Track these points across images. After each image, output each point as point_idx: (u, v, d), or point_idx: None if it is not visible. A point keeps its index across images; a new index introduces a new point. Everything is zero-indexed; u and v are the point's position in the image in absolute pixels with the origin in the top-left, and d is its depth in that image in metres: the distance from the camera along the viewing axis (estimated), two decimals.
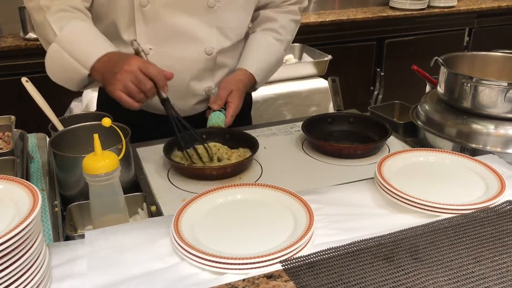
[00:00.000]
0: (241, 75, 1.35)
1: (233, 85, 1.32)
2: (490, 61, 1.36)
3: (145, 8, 1.20)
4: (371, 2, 3.59)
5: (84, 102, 2.23)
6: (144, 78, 1.04)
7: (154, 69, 1.06)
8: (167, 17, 1.22)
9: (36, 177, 1.11)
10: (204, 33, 1.27)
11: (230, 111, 1.29)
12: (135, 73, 1.04)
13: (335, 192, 0.98)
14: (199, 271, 0.76)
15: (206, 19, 1.26)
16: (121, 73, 1.04)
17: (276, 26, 1.41)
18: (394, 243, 0.80)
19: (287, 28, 1.44)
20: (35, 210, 0.68)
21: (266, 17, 1.42)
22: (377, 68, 3.26)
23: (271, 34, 1.41)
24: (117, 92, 1.05)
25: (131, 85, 1.04)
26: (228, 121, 1.28)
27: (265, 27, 1.42)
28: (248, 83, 1.36)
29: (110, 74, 1.07)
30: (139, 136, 1.22)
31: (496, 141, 1.14)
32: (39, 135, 1.33)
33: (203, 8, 1.25)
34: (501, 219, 0.86)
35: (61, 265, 0.77)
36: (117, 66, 1.06)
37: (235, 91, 1.31)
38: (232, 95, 1.30)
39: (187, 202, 0.89)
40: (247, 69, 1.36)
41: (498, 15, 3.61)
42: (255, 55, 1.38)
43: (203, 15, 1.26)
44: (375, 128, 1.30)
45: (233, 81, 1.33)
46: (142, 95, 1.06)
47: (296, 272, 0.73)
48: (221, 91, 1.30)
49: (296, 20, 1.47)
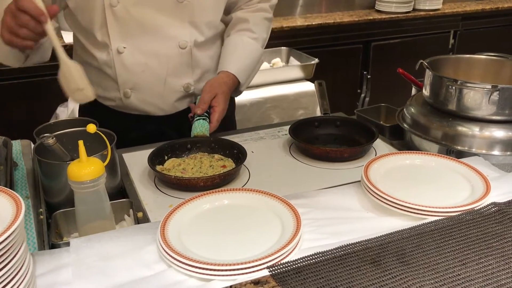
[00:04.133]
0: (224, 77, 1.34)
1: (217, 88, 1.30)
2: (474, 64, 1.37)
3: (115, 8, 1.22)
4: (357, 6, 3.61)
5: (70, 108, 2.21)
6: (19, 12, 1.02)
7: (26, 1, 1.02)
8: (138, 15, 1.23)
9: (20, 185, 1.10)
10: (176, 28, 1.28)
11: (216, 115, 1.27)
12: (11, 10, 1.03)
13: (322, 196, 0.98)
14: (186, 278, 0.75)
15: (177, 14, 1.27)
16: (2, 16, 1.04)
17: (249, 26, 1.41)
18: (381, 246, 0.80)
19: (260, 26, 1.43)
20: (18, 219, 0.67)
21: (238, 18, 1.43)
22: (363, 71, 3.28)
23: (245, 33, 1.41)
24: (5, 35, 1.04)
25: (10, 23, 1.03)
26: (214, 126, 1.27)
27: (238, 28, 1.42)
28: (231, 85, 1.35)
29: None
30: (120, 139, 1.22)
31: (481, 143, 1.15)
32: (24, 142, 1.31)
33: (173, 3, 1.25)
34: (486, 221, 0.86)
35: (46, 274, 0.76)
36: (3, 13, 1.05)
37: (220, 94, 1.29)
38: (217, 99, 1.29)
39: (173, 208, 0.89)
40: (228, 70, 1.35)
41: (482, 18, 3.66)
42: (233, 56, 1.38)
43: (174, 11, 1.26)
44: (362, 131, 1.31)
45: (217, 84, 1.32)
46: (24, 29, 1.03)
47: (283, 277, 0.73)
48: (205, 94, 1.29)
49: (268, 18, 1.47)
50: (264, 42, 1.47)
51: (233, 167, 1.13)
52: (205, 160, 1.17)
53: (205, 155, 1.21)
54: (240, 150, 1.18)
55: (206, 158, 1.19)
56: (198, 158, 1.19)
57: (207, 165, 1.16)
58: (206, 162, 1.16)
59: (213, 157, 1.20)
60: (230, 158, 1.20)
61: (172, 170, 1.13)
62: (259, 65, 1.48)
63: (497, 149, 1.15)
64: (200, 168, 1.14)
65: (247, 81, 1.43)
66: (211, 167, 1.15)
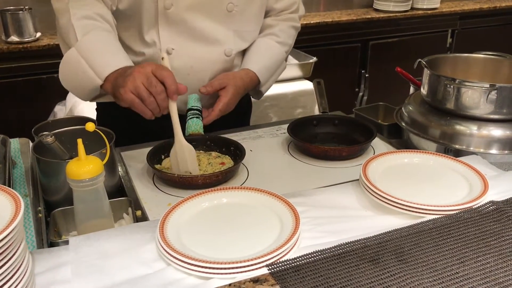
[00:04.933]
0: (242, 74, 1.32)
1: (230, 80, 1.27)
2: (472, 62, 1.38)
3: (168, 11, 1.23)
4: (355, 4, 3.61)
5: (68, 106, 2.21)
6: (156, 80, 1.01)
7: (167, 72, 1.03)
8: (189, 19, 1.25)
9: (19, 183, 1.10)
10: (223, 35, 1.30)
11: (219, 105, 1.23)
12: (147, 74, 1.01)
13: (320, 194, 0.98)
14: (185, 276, 0.75)
15: (224, 23, 1.29)
16: (132, 74, 1.02)
17: (275, 30, 1.42)
18: (380, 245, 0.80)
19: (286, 32, 1.44)
20: (17, 218, 0.67)
21: (266, 24, 1.43)
22: (361, 70, 3.28)
23: (270, 37, 1.41)
24: (128, 94, 1.01)
25: (141, 86, 1.00)
26: (215, 115, 1.22)
27: (265, 33, 1.43)
28: (249, 83, 1.33)
29: (122, 78, 1.04)
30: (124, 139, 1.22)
31: (479, 142, 1.16)
32: (22, 140, 1.31)
33: (222, 12, 1.28)
34: (484, 220, 0.87)
35: (45, 272, 0.76)
36: (130, 71, 1.04)
37: (231, 86, 1.26)
38: (226, 90, 1.25)
39: (172, 207, 0.89)
40: (249, 68, 1.34)
41: (480, 17, 3.66)
42: (255, 55, 1.38)
43: (222, 19, 1.29)
44: (360, 130, 1.31)
45: (231, 76, 1.29)
46: (152, 98, 1.01)
47: (282, 275, 0.73)
48: (215, 81, 1.26)
49: (296, 27, 1.49)
50: (289, 48, 1.47)
51: (233, 164, 1.13)
52: (203, 158, 1.17)
53: (201, 153, 1.21)
54: (238, 147, 1.18)
55: (204, 156, 1.19)
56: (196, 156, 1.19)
57: (205, 162, 1.16)
58: (204, 160, 1.17)
59: (210, 155, 1.20)
60: (227, 155, 1.20)
61: (170, 169, 1.14)
62: (280, 69, 1.47)
63: (495, 148, 1.15)
64: (198, 166, 1.14)
65: (268, 82, 1.42)
66: (210, 165, 1.15)
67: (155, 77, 1.02)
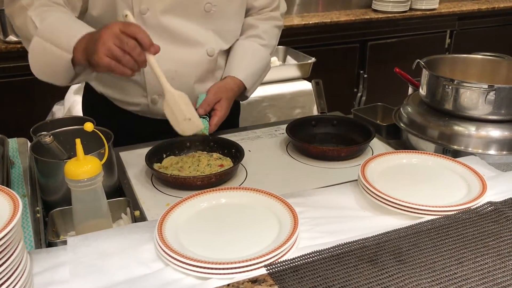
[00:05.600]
0: (231, 83, 1.34)
1: (224, 93, 1.31)
2: (471, 63, 1.38)
3: (145, 16, 1.21)
4: (354, 5, 3.61)
5: (66, 106, 2.20)
6: (126, 37, 0.99)
7: (136, 27, 1.01)
8: (167, 23, 1.24)
9: (17, 183, 1.10)
10: (203, 36, 1.30)
11: (215, 119, 1.28)
12: (115, 33, 0.99)
13: (319, 195, 0.98)
14: (184, 276, 0.75)
15: (202, 23, 1.28)
16: (102, 37, 0.99)
17: (259, 32, 1.42)
18: (378, 245, 0.80)
19: (270, 33, 1.45)
20: (15, 218, 0.67)
21: (248, 24, 1.43)
22: (360, 71, 3.28)
23: (255, 40, 1.42)
24: (103, 59, 0.98)
25: (113, 46, 0.98)
26: (212, 130, 1.27)
27: (248, 34, 1.43)
28: (237, 91, 1.36)
29: (92, 44, 1.02)
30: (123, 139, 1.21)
31: (477, 143, 1.16)
32: (20, 140, 1.31)
33: (200, 12, 1.27)
34: (482, 220, 0.87)
35: (43, 273, 0.76)
36: (97, 34, 1.01)
37: (224, 100, 1.30)
38: (221, 103, 1.29)
39: (171, 207, 0.89)
40: (236, 76, 1.35)
41: (478, 18, 3.67)
42: (242, 61, 1.38)
43: (200, 20, 1.28)
44: (359, 130, 1.31)
45: (224, 89, 1.32)
46: (128, 56, 1.00)
47: (280, 276, 0.73)
48: (210, 96, 1.29)
49: (278, 26, 1.49)
50: (273, 49, 1.48)
51: (230, 166, 1.13)
52: (203, 159, 1.17)
53: (203, 154, 1.21)
54: (238, 149, 1.18)
55: (205, 157, 1.19)
56: (196, 156, 1.19)
57: (205, 163, 1.16)
58: (204, 161, 1.16)
59: (211, 156, 1.20)
60: (228, 157, 1.20)
61: (170, 168, 1.14)
62: (266, 72, 1.48)
63: (493, 149, 1.15)
64: (197, 166, 1.14)
65: (254, 87, 1.43)
66: (209, 166, 1.15)
67: (125, 34, 1.00)
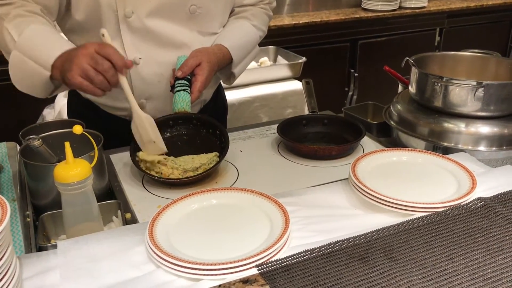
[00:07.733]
0: (215, 49, 1.29)
1: (204, 56, 1.23)
2: (459, 60, 1.39)
3: (129, 19, 1.20)
4: (344, 4, 3.62)
5: (57, 109, 2.19)
6: (101, 58, 1.00)
7: (111, 48, 1.02)
8: (152, 26, 1.22)
9: (6, 187, 1.09)
10: (188, 38, 1.28)
11: (197, 85, 1.20)
12: (91, 54, 1.00)
13: (310, 194, 0.99)
14: (175, 278, 0.75)
15: (187, 25, 1.27)
16: (77, 57, 1.01)
17: (248, 14, 1.40)
18: (369, 243, 0.80)
19: (259, 17, 1.42)
20: (3, 223, 0.66)
21: (238, 10, 1.42)
22: (351, 69, 3.29)
23: (243, 19, 1.39)
24: (76, 78, 1.00)
25: (87, 67, 1.00)
26: (195, 97, 1.20)
27: (237, 16, 1.40)
28: (222, 59, 1.29)
29: (68, 63, 1.03)
30: (111, 142, 1.21)
31: (467, 139, 1.17)
32: (9, 144, 1.30)
33: (185, 15, 1.25)
34: (472, 216, 0.87)
35: (33, 277, 0.75)
36: (74, 53, 1.03)
37: (205, 62, 1.23)
38: (202, 66, 1.21)
39: (161, 209, 0.88)
40: (221, 43, 1.31)
41: (467, 15, 3.69)
42: (228, 33, 1.35)
43: (185, 22, 1.26)
44: (349, 129, 1.31)
45: (204, 52, 1.25)
46: (101, 77, 1.01)
47: (272, 275, 0.73)
48: (189, 59, 1.23)
49: (268, 15, 1.47)
50: (262, 33, 1.44)
51: (212, 166, 1.11)
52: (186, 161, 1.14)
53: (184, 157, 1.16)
54: (222, 133, 1.17)
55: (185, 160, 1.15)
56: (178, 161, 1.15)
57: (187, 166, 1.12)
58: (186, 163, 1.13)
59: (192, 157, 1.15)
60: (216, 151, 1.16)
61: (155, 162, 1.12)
62: (254, 53, 1.43)
63: (483, 145, 1.16)
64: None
65: (241, 64, 1.38)
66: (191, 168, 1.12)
67: (100, 56, 1.01)
